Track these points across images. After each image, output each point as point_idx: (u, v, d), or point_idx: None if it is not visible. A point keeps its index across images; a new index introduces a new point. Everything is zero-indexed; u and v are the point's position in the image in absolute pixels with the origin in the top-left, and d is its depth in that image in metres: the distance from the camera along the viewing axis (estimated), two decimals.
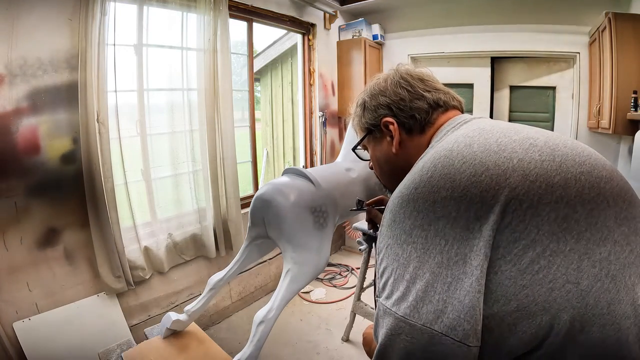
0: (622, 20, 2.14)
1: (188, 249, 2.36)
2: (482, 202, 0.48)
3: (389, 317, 0.50)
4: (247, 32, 2.77)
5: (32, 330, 1.71)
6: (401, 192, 0.56)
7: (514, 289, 0.46)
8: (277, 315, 1.49)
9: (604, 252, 0.47)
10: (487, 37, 3.13)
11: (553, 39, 2.87)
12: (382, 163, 0.76)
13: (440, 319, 0.46)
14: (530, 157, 0.51)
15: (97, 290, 1.96)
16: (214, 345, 1.66)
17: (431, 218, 0.50)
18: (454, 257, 0.47)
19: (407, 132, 0.70)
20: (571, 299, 0.45)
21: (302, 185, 1.67)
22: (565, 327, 0.45)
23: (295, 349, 2.31)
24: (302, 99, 3.45)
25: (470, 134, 0.57)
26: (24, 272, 1.71)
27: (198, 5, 2.19)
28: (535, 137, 0.54)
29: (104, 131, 1.85)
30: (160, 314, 2.13)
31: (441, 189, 0.51)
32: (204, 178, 2.37)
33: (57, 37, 1.72)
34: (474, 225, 0.48)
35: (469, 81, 3.37)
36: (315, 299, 2.89)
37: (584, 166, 0.51)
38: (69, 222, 1.84)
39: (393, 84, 0.71)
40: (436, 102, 0.69)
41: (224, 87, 2.33)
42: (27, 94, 1.66)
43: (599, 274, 0.46)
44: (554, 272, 0.46)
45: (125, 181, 2.02)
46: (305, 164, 3.54)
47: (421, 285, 0.48)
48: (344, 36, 3.56)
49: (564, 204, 0.48)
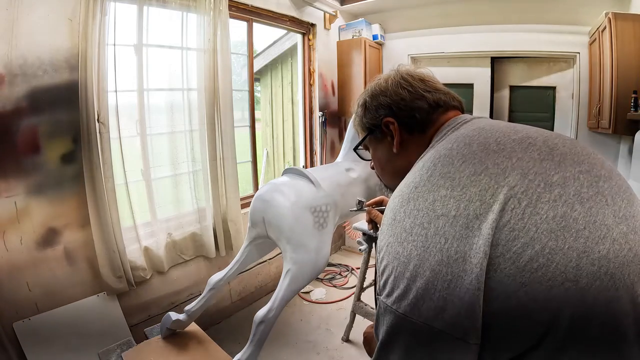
0: (622, 20, 2.14)
1: (187, 249, 2.36)
2: (481, 200, 0.48)
3: (390, 314, 0.50)
4: (247, 32, 2.78)
5: (32, 330, 1.71)
6: (402, 191, 0.56)
7: (513, 286, 0.46)
8: (277, 315, 1.49)
9: (602, 250, 0.47)
10: (487, 37, 3.13)
11: (553, 39, 2.87)
12: (383, 163, 0.77)
13: (441, 316, 0.46)
14: (529, 156, 0.51)
15: (97, 290, 1.96)
16: (214, 345, 1.66)
17: (431, 216, 0.50)
18: (453, 255, 0.48)
19: (407, 132, 0.71)
20: (570, 297, 0.45)
21: (302, 185, 1.67)
22: (564, 325, 0.45)
23: (295, 349, 2.31)
24: (302, 99, 3.45)
25: (470, 134, 0.58)
26: (24, 272, 1.71)
27: (198, 5, 2.20)
28: (535, 137, 0.55)
29: (104, 131, 1.85)
30: (160, 314, 2.13)
31: (441, 188, 0.51)
32: (203, 178, 2.37)
33: (57, 37, 1.72)
34: (473, 224, 0.48)
35: (469, 81, 3.37)
36: (315, 299, 2.89)
37: (582, 165, 0.52)
38: (69, 222, 1.84)
39: (394, 84, 0.72)
40: (436, 102, 0.70)
41: (224, 87, 2.33)
42: (27, 94, 1.66)
43: (598, 272, 0.46)
44: (553, 270, 0.46)
45: (125, 181, 2.02)
46: (305, 164, 3.54)
47: (421, 283, 0.48)
48: (344, 36, 3.56)
49: (563, 203, 0.48)
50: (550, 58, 3.03)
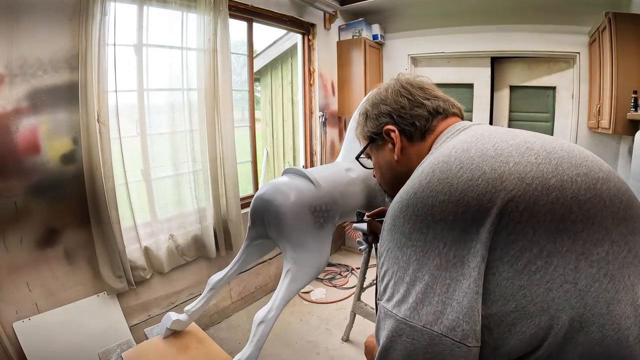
0: (622, 20, 2.14)
1: (189, 250, 2.36)
2: (479, 205, 0.49)
3: (390, 319, 0.51)
4: (247, 32, 2.78)
5: (32, 330, 1.71)
6: (401, 198, 0.57)
7: (512, 289, 0.47)
8: (277, 315, 1.49)
9: (601, 252, 0.47)
10: (487, 37, 3.13)
11: (553, 39, 2.87)
12: (384, 170, 0.78)
13: (440, 320, 0.47)
14: (527, 161, 0.51)
15: (97, 290, 1.97)
16: (214, 345, 1.66)
17: (430, 222, 0.51)
18: (452, 259, 0.48)
19: (408, 139, 0.72)
20: (569, 299, 0.46)
21: (302, 185, 1.67)
22: (564, 327, 0.46)
23: (295, 349, 2.31)
24: (302, 99, 3.45)
25: (468, 140, 0.58)
26: (24, 272, 1.71)
27: (198, 5, 2.19)
28: (532, 141, 0.55)
29: (104, 131, 1.85)
30: (160, 314, 2.13)
31: (439, 194, 0.52)
32: (204, 178, 2.37)
33: (57, 37, 1.72)
34: (471, 228, 0.48)
35: (469, 81, 3.37)
36: (315, 299, 2.89)
37: (580, 168, 0.52)
38: (69, 222, 1.85)
39: (394, 93, 0.73)
40: (436, 110, 0.71)
41: (224, 87, 2.33)
42: (27, 94, 1.66)
43: (597, 274, 0.47)
44: (552, 272, 0.46)
45: (125, 181, 2.02)
46: (305, 164, 3.54)
47: (421, 287, 0.49)
48: (344, 36, 3.56)
49: (560, 205, 0.48)
50: (550, 58, 3.03)
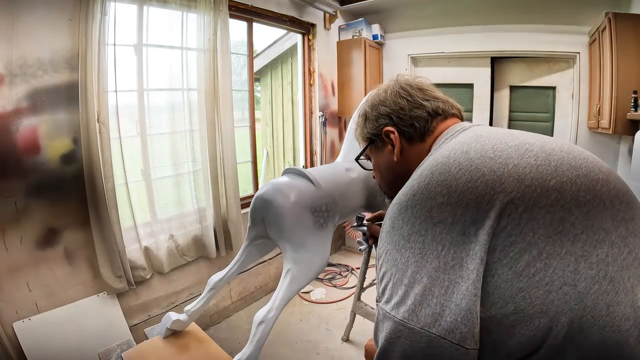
0: (622, 20, 2.14)
1: (189, 250, 2.36)
2: (477, 207, 0.49)
3: (389, 321, 0.50)
4: (247, 32, 2.77)
5: (32, 330, 1.71)
6: (400, 199, 0.57)
7: (511, 291, 0.47)
8: (277, 315, 1.49)
9: (601, 254, 0.47)
10: (487, 37, 3.12)
11: (553, 39, 2.87)
12: (384, 171, 0.78)
13: (438, 322, 0.46)
14: (526, 162, 0.51)
15: (97, 290, 1.97)
16: (214, 345, 1.66)
17: (428, 224, 0.51)
18: (450, 261, 0.48)
19: (407, 140, 0.71)
20: (569, 301, 0.46)
21: (302, 185, 1.67)
22: (564, 329, 0.45)
23: (295, 349, 2.31)
24: (302, 99, 3.45)
25: (467, 141, 0.58)
26: (24, 272, 1.71)
27: (198, 5, 2.19)
28: (532, 143, 0.55)
29: (104, 131, 1.85)
30: (160, 314, 2.13)
31: (438, 195, 0.51)
32: (204, 178, 2.37)
33: (57, 37, 1.72)
34: (470, 230, 0.48)
35: (469, 81, 3.37)
36: (315, 299, 2.89)
37: (580, 169, 0.52)
38: (69, 222, 1.85)
39: (393, 94, 0.73)
40: (435, 111, 0.71)
41: (224, 87, 2.33)
42: (27, 94, 1.66)
43: (597, 276, 0.46)
44: (551, 274, 0.46)
45: (125, 181, 2.02)
46: (305, 164, 3.54)
47: (419, 289, 0.49)
48: (344, 36, 3.55)
49: (560, 207, 0.48)
50: (550, 58, 3.03)
